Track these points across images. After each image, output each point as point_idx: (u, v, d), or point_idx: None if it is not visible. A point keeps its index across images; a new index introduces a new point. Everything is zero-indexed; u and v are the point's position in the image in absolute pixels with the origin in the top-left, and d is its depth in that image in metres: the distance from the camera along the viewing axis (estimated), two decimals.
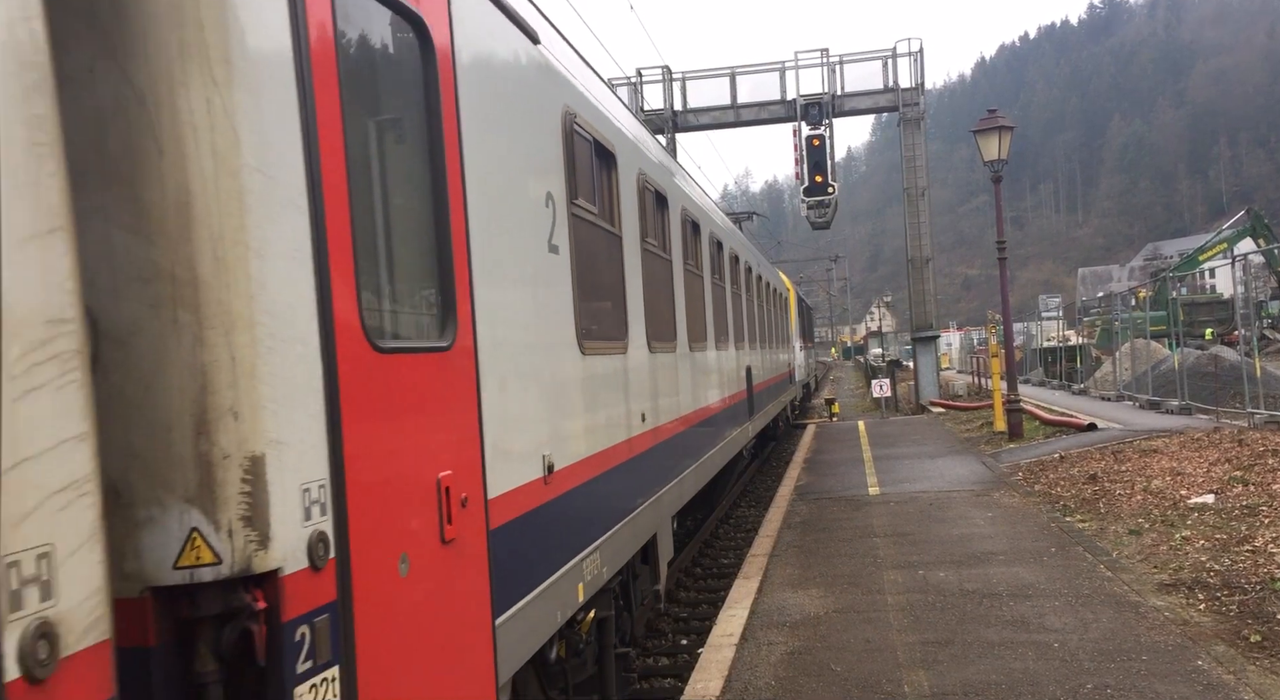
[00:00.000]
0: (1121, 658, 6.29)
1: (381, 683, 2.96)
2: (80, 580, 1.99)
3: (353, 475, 2.91)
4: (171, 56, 2.44)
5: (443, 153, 3.74)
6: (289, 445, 2.62)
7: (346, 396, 2.90)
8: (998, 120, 19.05)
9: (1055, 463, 14.96)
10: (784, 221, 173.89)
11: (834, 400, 34.59)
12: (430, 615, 3.38)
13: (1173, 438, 15.62)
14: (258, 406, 2.52)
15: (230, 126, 2.50)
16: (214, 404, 2.47)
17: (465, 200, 3.92)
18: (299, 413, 2.68)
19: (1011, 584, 8.25)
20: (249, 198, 2.54)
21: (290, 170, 2.71)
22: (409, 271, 3.69)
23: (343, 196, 2.95)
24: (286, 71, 2.72)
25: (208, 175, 2.47)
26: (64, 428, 1.98)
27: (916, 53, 31.18)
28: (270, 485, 2.53)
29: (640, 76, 32.34)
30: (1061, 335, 42.46)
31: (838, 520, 11.75)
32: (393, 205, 3.54)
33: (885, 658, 6.60)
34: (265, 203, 2.59)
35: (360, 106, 3.29)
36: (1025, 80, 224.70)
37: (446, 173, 3.76)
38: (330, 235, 2.85)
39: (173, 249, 2.45)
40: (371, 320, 3.14)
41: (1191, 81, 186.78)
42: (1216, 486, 11.48)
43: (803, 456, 19.06)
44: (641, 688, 8.06)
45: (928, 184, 31.56)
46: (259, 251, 2.56)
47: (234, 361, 2.50)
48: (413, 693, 3.19)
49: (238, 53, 2.52)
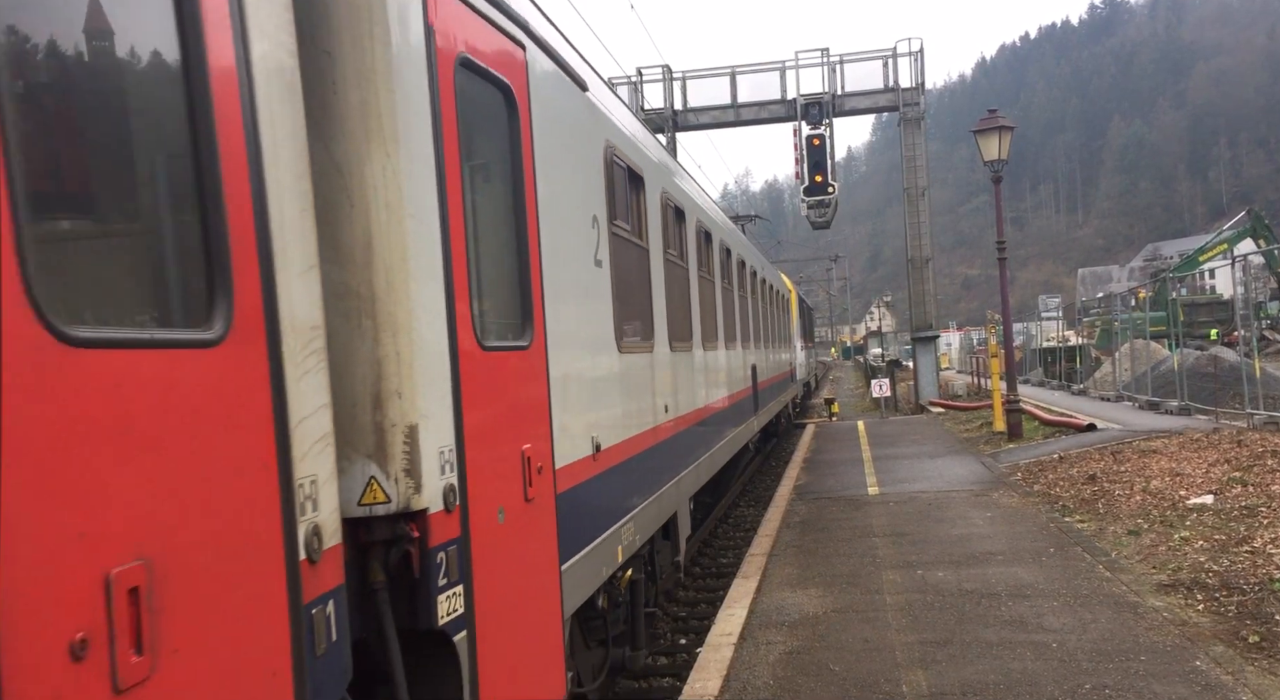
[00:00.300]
0: (1120, 658, 6.29)
1: (488, 602, 3.85)
2: (328, 501, 2.97)
3: (469, 444, 3.80)
4: (360, 139, 3.39)
5: (523, 189, 4.65)
6: (431, 418, 3.52)
7: (465, 384, 3.80)
8: (998, 120, 19.05)
9: (1054, 463, 14.96)
10: (784, 221, 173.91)
11: (833, 400, 34.60)
12: (518, 555, 4.32)
13: (1172, 438, 15.63)
14: (414, 389, 3.43)
15: (398, 185, 3.43)
16: (385, 387, 3.38)
17: (538, 227, 4.82)
18: (437, 395, 3.59)
19: (1010, 584, 8.25)
20: (408, 237, 3.45)
21: (430, 213, 3.63)
22: (502, 287, 4.57)
23: (461, 231, 3.88)
24: (428, 143, 3.67)
25: (383, 221, 3.39)
26: (319, 399, 2.95)
27: (917, 52, 31.19)
28: (421, 447, 3.44)
29: (640, 75, 32.34)
30: (1061, 335, 42.45)
31: (837, 520, 11.75)
32: (492, 234, 4.44)
33: (884, 657, 6.60)
34: (417, 239, 3.51)
35: (470, 158, 4.17)
36: (1026, 80, 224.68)
37: (525, 205, 4.68)
38: (454, 261, 3.78)
39: (359, 274, 3.37)
40: (480, 326, 4.04)
41: (1192, 82, 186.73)
42: (1215, 487, 11.48)
43: (802, 456, 19.06)
44: (640, 686, 8.07)
45: (928, 184, 31.57)
46: (414, 275, 3.47)
47: (398, 356, 3.40)
48: (508, 613, 4.08)
49: (402, 134, 3.45)
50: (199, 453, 2.40)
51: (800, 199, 31.18)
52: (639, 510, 6.80)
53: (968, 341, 62.63)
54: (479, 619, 3.79)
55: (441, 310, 3.67)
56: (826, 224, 31.93)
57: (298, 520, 2.77)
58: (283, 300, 2.77)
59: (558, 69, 5.41)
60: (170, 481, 2.29)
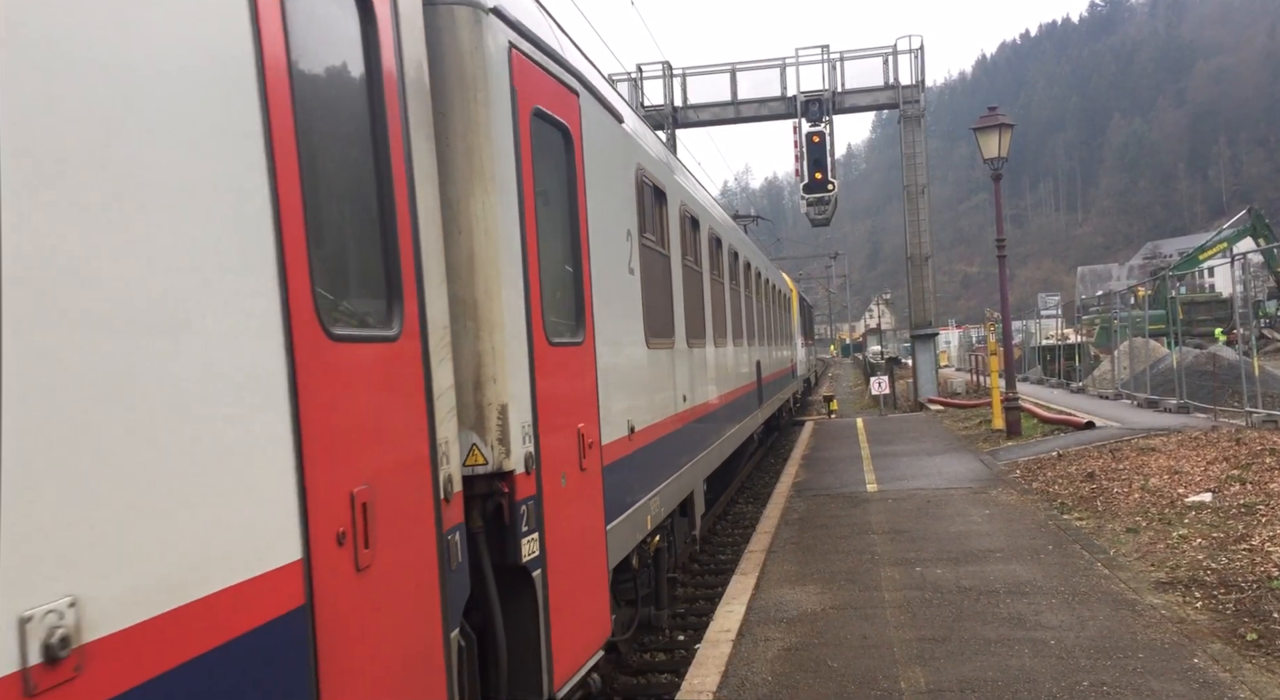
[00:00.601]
0: (1118, 655, 6.30)
1: (555, 548, 4.85)
2: (454, 458, 3.94)
3: (541, 421, 4.76)
4: (466, 180, 4.36)
5: (577, 210, 5.65)
6: (516, 399, 4.49)
7: (538, 373, 4.77)
8: (998, 118, 19.03)
9: (1053, 461, 14.97)
10: (784, 218, 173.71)
11: (832, 397, 34.58)
12: (576, 513, 5.29)
13: (1171, 436, 15.64)
14: (505, 376, 4.42)
15: (493, 216, 4.41)
16: (484, 374, 4.39)
17: (588, 242, 5.79)
18: (520, 380, 4.56)
19: (1008, 581, 8.26)
20: (500, 256, 4.43)
21: (514, 236, 4.61)
22: (563, 293, 5.48)
23: (535, 248, 4.84)
24: (513, 180, 4.63)
25: (482, 245, 4.37)
26: (447, 381, 3.92)
27: (917, 50, 31.13)
28: (510, 421, 4.41)
29: (641, 72, 32.29)
30: (1060, 333, 42.47)
31: (835, 517, 11.76)
32: (555, 250, 5.35)
33: (882, 654, 6.61)
34: (506, 257, 4.49)
35: (539, 188, 5.06)
36: (1026, 78, 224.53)
37: (579, 224, 5.68)
38: (530, 273, 4.74)
39: (465, 286, 4.34)
40: (548, 325, 4.99)
41: (1192, 81, 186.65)
42: (1214, 485, 11.49)
43: (801, 453, 19.06)
44: (638, 683, 8.08)
45: (928, 181, 31.54)
46: (505, 286, 4.45)
47: (494, 350, 4.39)
48: (569, 559, 5.09)
49: (497, 174, 4.44)
50: (391, 413, 3.42)
51: (800, 196, 31.14)
52: (664, 486, 7.81)
53: (967, 339, 62.62)
54: (550, 561, 4.77)
55: (523, 314, 4.64)
56: (826, 221, 31.90)
57: (439, 469, 3.74)
58: (428, 307, 3.74)
59: (602, 107, 6.45)
60: (377, 430, 3.31)
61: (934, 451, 18.01)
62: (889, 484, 14.14)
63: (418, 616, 3.50)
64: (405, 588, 3.40)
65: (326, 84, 3.28)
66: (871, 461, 16.93)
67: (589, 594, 5.46)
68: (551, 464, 4.88)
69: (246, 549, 2.52)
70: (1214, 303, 49.04)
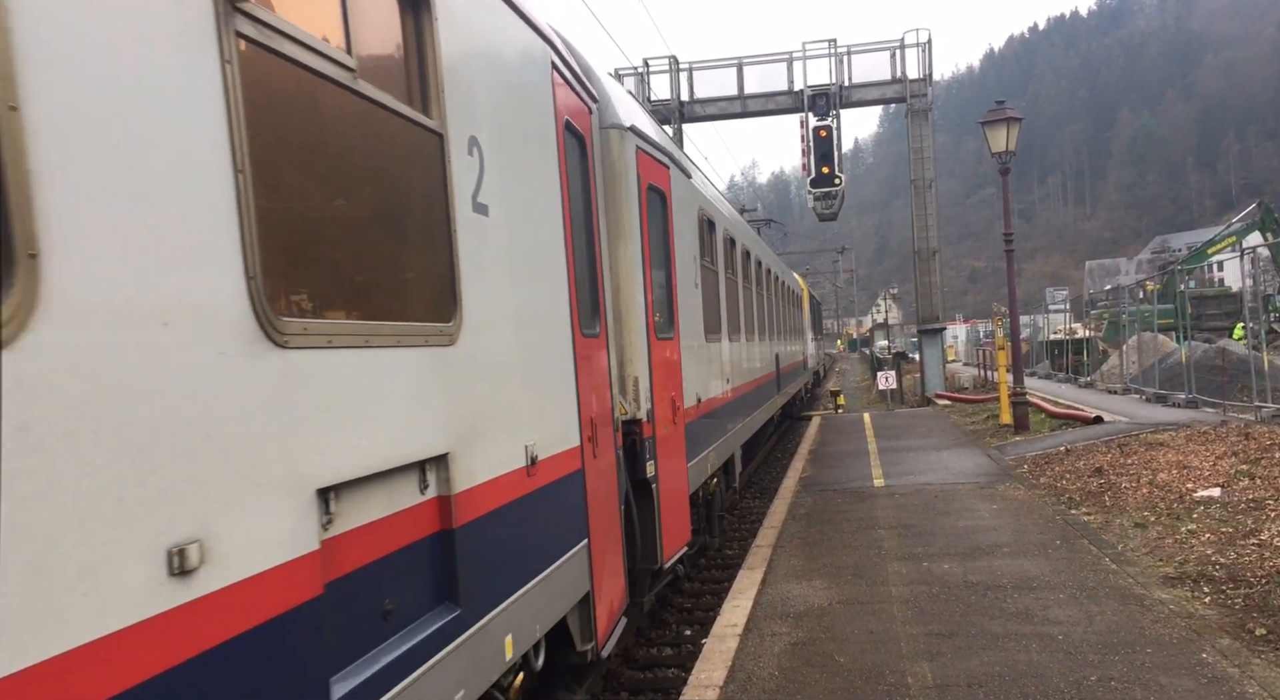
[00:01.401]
0: (1126, 650, 6.28)
1: (662, 472, 7.52)
2: (616, 409, 6.57)
3: (654, 389, 7.34)
4: (615, 236, 6.94)
5: (669, 247, 8.43)
6: (642, 375, 7.10)
7: (652, 358, 7.35)
8: (1006, 112, 18.94)
9: (1061, 456, 14.93)
10: (790, 213, 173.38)
11: (839, 392, 34.53)
12: (672, 451, 7.97)
13: (1179, 431, 15.58)
14: (637, 360, 7.04)
15: (630, 258, 7.03)
16: (625, 358, 6.99)
17: (675, 267, 8.59)
18: (643, 362, 7.12)
19: (1016, 576, 8.24)
20: (633, 283, 7.02)
21: (639, 270, 7.14)
22: (662, 304, 8.07)
23: (648, 277, 7.42)
24: (637, 234, 7.18)
25: (626, 278, 7.00)
26: (615, 361, 6.71)
27: (925, 44, 31.02)
28: (640, 388, 7.04)
29: (647, 66, 32.23)
30: (1068, 328, 42.31)
31: (842, 512, 11.74)
32: (659, 275, 8.00)
33: (889, 649, 6.60)
34: (636, 284, 7.07)
35: (650, 235, 7.66)
36: (1034, 72, 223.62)
37: (670, 257, 8.43)
38: (646, 291, 7.29)
39: (617, 300, 6.92)
40: (656, 326, 7.58)
41: (1201, 74, 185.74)
42: (1223, 480, 11.44)
43: (807, 448, 19.03)
44: (645, 677, 8.08)
45: (935, 176, 31.43)
46: (636, 302, 7.06)
47: (631, 343, 7.01)
48: (670, 481, 7.76)
49: (631, 233, 7.08)
50: (600, 377, 6.09)
51: (807, 191, 31.08)
52: (718, 444, 10.80)
53: (974, 334, 62.46)
54: (660, 480, 7.46)
55: (644, 319, 7.20)
56: (833, 216, 31.83)
57: (617, 415, 6.52)
58: (607, 317, 6.49)
59: (681, 172, 9.30)
60: (598, 386, 6.01)
61: (941, 446, 17.97)
62: (896, 479, 14.11)
63: (611, 485, 6.25)
64: (607, 469, 6.16)
65: (581, 191, 6.12)
66: (878, 456, 16.90)
67: (679, 507, 8.22)
68: (660, 418, 7.58)
69: (568, 435, 5.31)
70: (1223, 297, 48.73)
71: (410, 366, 3.45)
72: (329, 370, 2.89)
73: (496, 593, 4.15)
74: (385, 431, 3.22)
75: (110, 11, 2.19)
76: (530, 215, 4.85)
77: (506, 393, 4.42)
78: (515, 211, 4.63)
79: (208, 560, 2.33)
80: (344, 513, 3.00)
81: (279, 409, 2.63)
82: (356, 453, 3.02)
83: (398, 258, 3.58)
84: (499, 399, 4.30)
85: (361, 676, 2.98)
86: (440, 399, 3.68)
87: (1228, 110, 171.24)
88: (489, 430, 4.14)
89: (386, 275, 3.49)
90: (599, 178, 6.56)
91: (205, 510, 2.34)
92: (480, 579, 3.97)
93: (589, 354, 5.75)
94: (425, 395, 3.55)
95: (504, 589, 4.25)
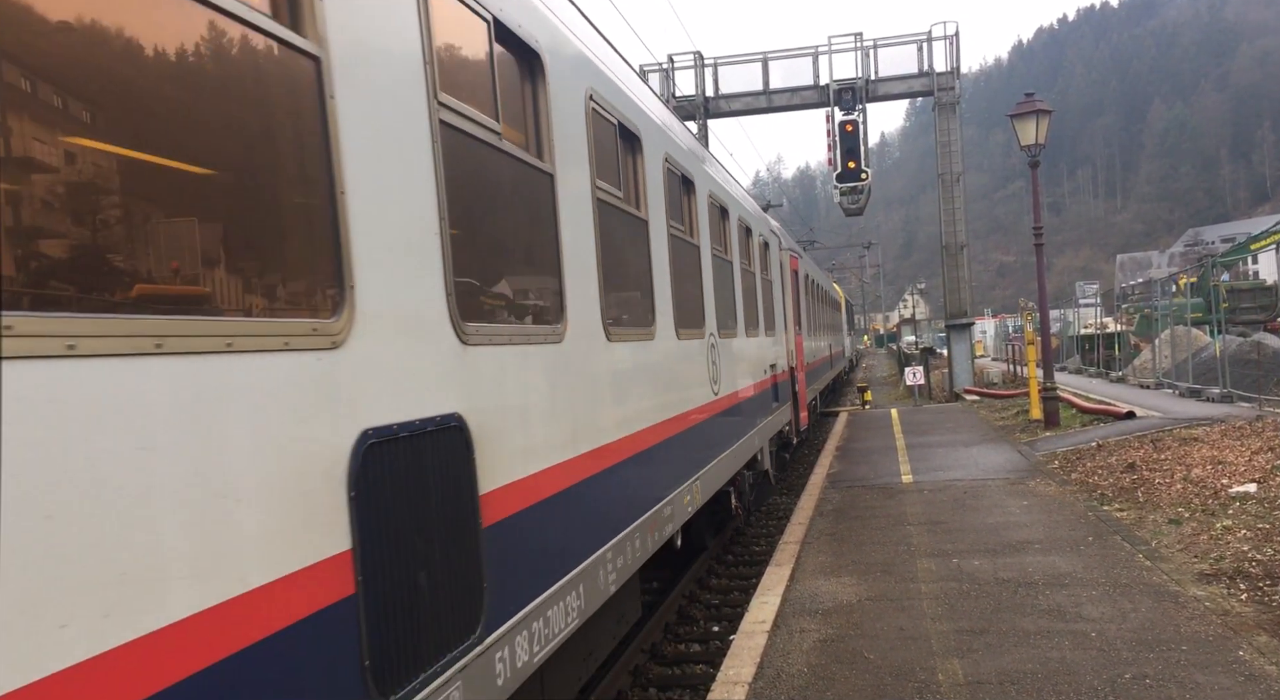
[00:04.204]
0: (1161, 648, 6.20)
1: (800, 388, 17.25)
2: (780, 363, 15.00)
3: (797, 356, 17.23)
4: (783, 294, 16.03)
5: (801, 295, 18.69)
6: (793, 349, 16.77)
7: (796, 343, 17.34)
8: (1035, 104, 18.73)
9: (1093, 451, 14.76)
10: (816, 208, 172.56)
11: (866, 388, 34.35)
12: (801, 381, 17.43)
13: (1214, 426, 15.35)
14: (791, 343, 16.58)
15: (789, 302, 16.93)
16: (790, 343, 16.38)
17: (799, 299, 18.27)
18: (792, 344, 16.78)
19: (1047, 573, 8.16)
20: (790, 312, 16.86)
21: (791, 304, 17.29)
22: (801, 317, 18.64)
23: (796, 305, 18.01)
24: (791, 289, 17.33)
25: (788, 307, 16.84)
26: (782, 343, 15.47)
27: (952, 36, 30.74)
28: (791, 354, 16.38)
29: (672, 62, 32.17)
30: (1099, 322, 41.82)
31: (870, 508, 11.68)
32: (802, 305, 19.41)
33: (919, 646, 6.56)
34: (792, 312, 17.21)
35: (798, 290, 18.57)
36: (1064, 63, 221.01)
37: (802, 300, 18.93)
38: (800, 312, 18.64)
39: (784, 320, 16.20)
40: (801, 327, 18.50)
41: (1235, 64, 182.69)
42: (1259, 475, 11.26)
43: (835, 444, 18.95)
44: (673, 674, 8.08)
45: (963, 169, 31.17)
46: (790, 318, 16.73)
47: (789, 337, 16.34)
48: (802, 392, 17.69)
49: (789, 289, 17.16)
50: (790, 349, 16.52)
51: (833, 185, 30.90)
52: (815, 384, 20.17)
53: (1003, 329, 61.87)
54: (799, 391, 16.59)
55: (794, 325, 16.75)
56: (859, 211, 31.65)
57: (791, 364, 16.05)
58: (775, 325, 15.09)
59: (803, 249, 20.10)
60: (789, 354, 16.21)
61: (970, 442, 17.83)
62: (924, 475, 14.02)
63: (790, 386, 15.38)
64: (790, 378, 15.33)
65: (773, 275, 14.76)
66: (906, 452, 16.80)
67: (804, 407, 17.43)
68: (799, 366, 16.60)
69: (791, 363, 15.90)
70: (1258, 290, 47.94)
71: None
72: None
73: (758, 418, 11.70)
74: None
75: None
76: (767, 278, 13.24)
77: (780, 347, 14.68)
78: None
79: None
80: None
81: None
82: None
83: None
84: (782, 351, 14.45)
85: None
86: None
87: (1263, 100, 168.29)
88: (766, 367, 12.51)
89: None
90: (780, 266, 15.73)
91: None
92: (757, 413, 11.71)
93: (796, 342, 14.73)
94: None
95: (761, 420, 12.07)
